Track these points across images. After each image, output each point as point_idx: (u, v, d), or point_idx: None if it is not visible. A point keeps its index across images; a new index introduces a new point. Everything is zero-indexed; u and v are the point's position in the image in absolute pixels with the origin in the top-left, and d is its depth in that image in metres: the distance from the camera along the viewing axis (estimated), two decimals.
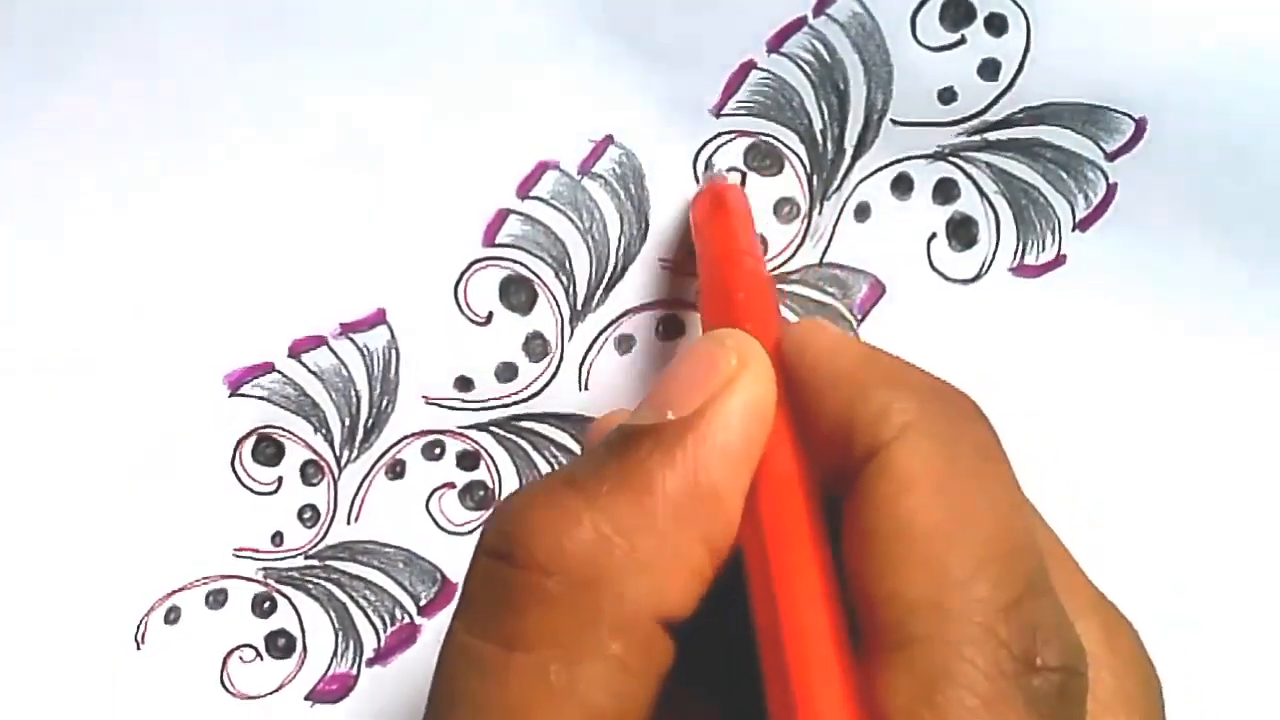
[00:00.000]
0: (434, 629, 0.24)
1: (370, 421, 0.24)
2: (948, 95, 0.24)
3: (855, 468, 0.15)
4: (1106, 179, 0.24)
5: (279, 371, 0.24)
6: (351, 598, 0.24)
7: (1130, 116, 0.24)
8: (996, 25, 0.24)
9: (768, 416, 0.16)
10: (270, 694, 0.23)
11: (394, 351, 0.24)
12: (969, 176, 0.24)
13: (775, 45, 0.24)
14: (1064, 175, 0.24)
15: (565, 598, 0.15)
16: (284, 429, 0.24)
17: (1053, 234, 0.24)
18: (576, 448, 0.24)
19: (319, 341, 0.24)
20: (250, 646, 0.23)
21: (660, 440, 0.16)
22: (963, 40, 0.24)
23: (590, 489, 0.15)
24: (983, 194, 0.24)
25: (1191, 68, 0.24)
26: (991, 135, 0.24)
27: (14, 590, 0.23)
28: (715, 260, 0.21)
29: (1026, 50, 0.23)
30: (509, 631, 0.15)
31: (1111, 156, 0.24)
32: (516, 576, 0.15)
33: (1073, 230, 0.24)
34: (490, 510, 0.16)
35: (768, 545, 0.15)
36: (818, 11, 0.24)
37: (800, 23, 0.24)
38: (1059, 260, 0.24)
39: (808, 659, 0.14)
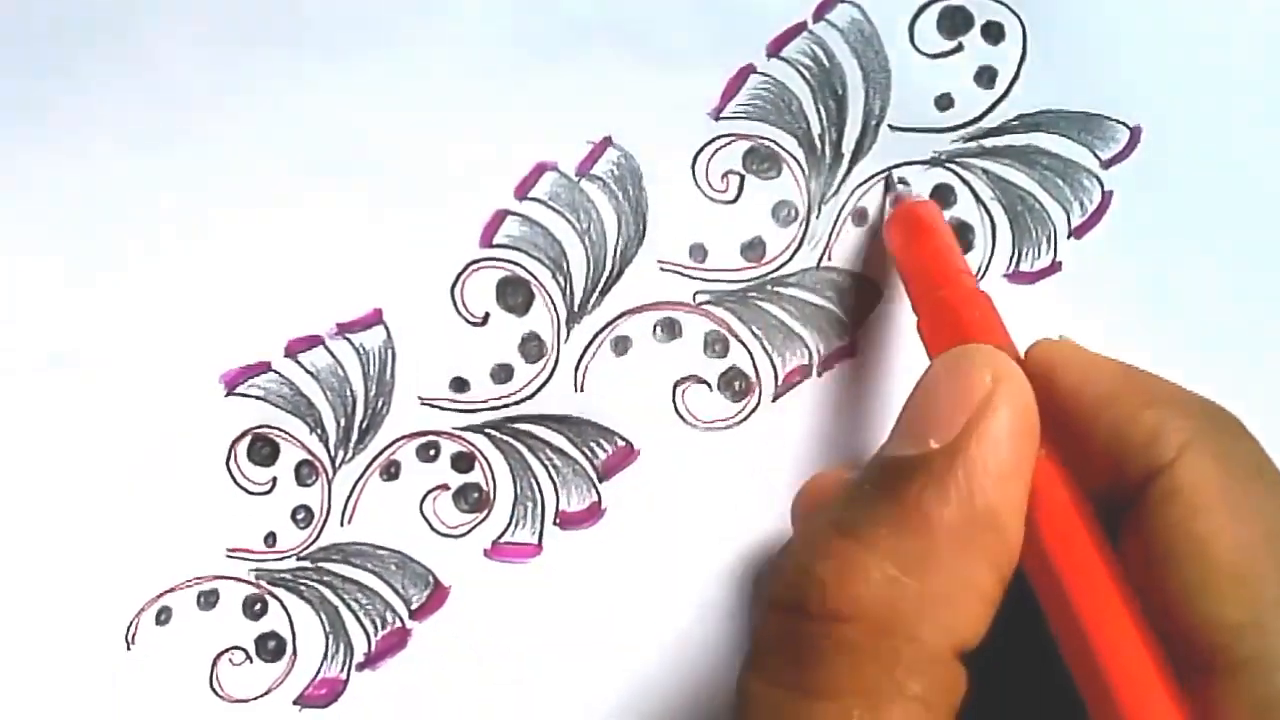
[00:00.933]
0: (424, 634, 0.24)
1: (365, 422, 0.25)
2: (945, 102, 0.25)
3: (1133, 489, 0.16)
4: (1102, 186, 0.25)
5: (275, 371, 0.25)
6: (343, 600, 0.24)
7: (1125, 125, 0.25)
8: (993, 33, 0.25)
9: (1035, 431, 0.17)
10: (259, 698, 0.24)
11: (390, 352, 0.25)
12: (965, 183, 0.25)
13: (775, 50, 0.25)
14: (1060, 182, 0.25)
15: (864, 643, 0.15)
16: (279, 429, 0.25)
17: (1048, 241, 0.25)
18: (572, 450, 0.25)
19: (315, 341, 0.25)
20: (240, 649, 0.24)
21: (930, 471, 0.16)
22: (960, 48, 0.25)
23: (869, 535, 0.16)
24: (979, 200, 0.25)
25: (1185, 77, 0.25)
26: (988, 142, 0.25)
27: (5, 589, 0.24)
28: (933, 282, 0.21)
29: (1023, 58, 0.25)
30: (810, 680, 0.16)
31: (1107, 164, 0.25)
32: (813, 627, 0.16)
33: (1068, 237, 0.25)
34: (767, 565, 0.18)
35: (1061, 567, 0.16)
36: (817, 17, 0.25)
37: (800, 28, 0.25)
38: (1054, 267, 0.25)
39: (1134, 684, 0.15)
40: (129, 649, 0.24)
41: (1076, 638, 0.16)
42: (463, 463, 0.25)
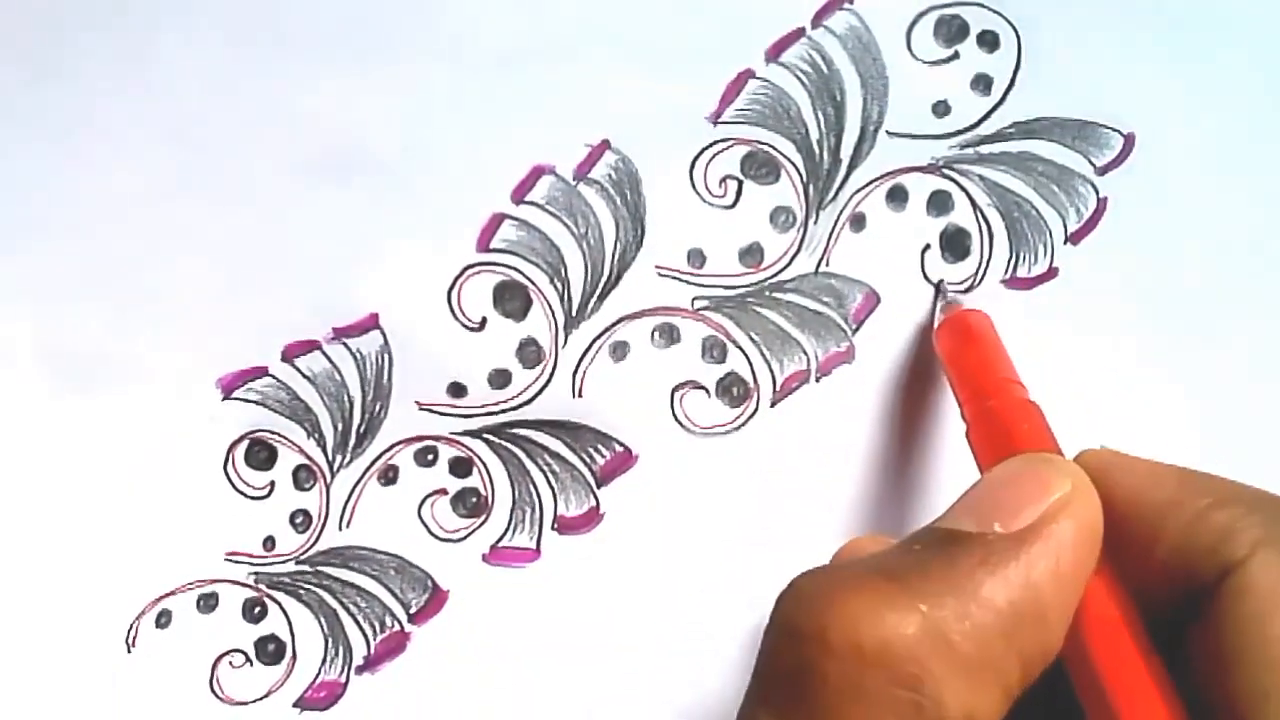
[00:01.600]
0: (423, 637, 0.25)
1: (363, 426, 0.26)
2: (942, 109, 0.26)
3: (1202, 592, 0.16)
4: (1097, 193, 0.26)
5: (272, 375, 0.25)
6: (342, 604, 0.25)
7: (1119, 132, 0.26)
8: (989, 41, 0.26)
9: (1098, 542, 0.17)
10: (259, 700, 0.25)
11: (387, 356, 0.26)
12: (962, 189, 0.26)
13: (773, 55, 0.26)
14: (1055, 189, 0.26)
15: (885, 694, 0.15)
16: (277, 433, 0.25)
17: (1045, 247, 0.26)
18: (570, 455, 0.26)
19: (312, 345, 0.26)
20: (240, 652, 0.25)
21: (991, 551, 0.16)
22: (956, 55, 0.26)
23: (913, 585, 0.16)
24: (976, 206, 0.26)
25: (1178, 84, 0.26)
26: (984, 149, 0.26)
27: (6, 592, 0.24)
28: (983, 392, 0.22)
29: (1018, 66, 0.26)
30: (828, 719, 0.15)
31: (1101, 171, 0.26)
32: (831, 665, 0.15)
33: (1064, 243, 0.26)
34: (789, 587, 0.17)
35: (1107, 674, 0.16)
36: (815, 23, 0.26)
37: (798, 34, 0.26)
38: (1051, 273, 0.26)
39: None
40: (129, 651, 0.25)
41: None
42: (461, 467, 0.26)
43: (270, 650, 0.25)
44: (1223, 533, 0.17)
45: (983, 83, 0.26)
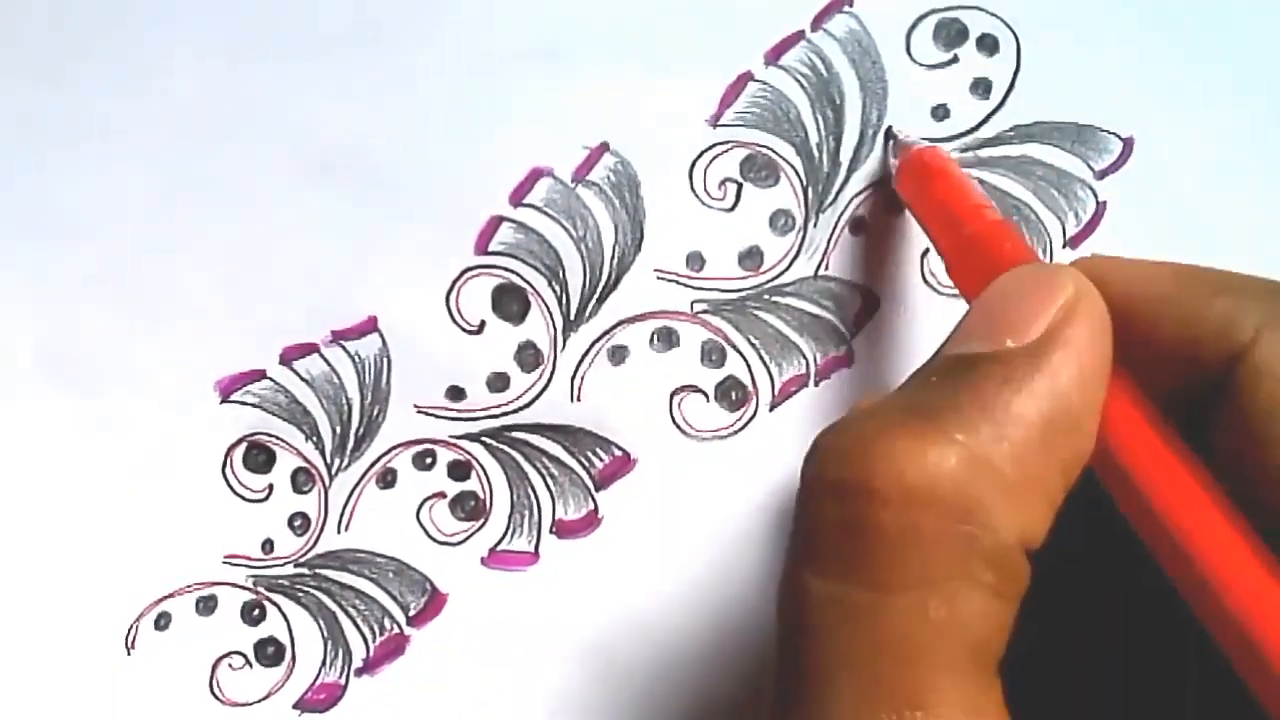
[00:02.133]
0: (422, 640, 0.26)
1: (361, 430, 0.26)
2: (941, 112, 0.26)
3: (1211, 382, 0.17)
4: (1096, 197, 0.27)
5: (270, 378, 0.26)
6: (341, 607, 0.26)
7: (1118, 136, 0.27)
8: (988, 45, 0.26)
9: (1109, 340, 0.17)
10: (258, 702, 0.26)
11: (386, 360, 0.26)
12: None
13: (773, 58, 0.26)
14: (1055, 193, 0.27)
15: (942, 531, 0.15)
16: (275, 436, 0.26)
17: (1044, 251, 0.27)
18: (568, 459, 0.26)
19: (311, 349, 0.26)
20: (239, 654, 0.26)
21: (1012, 367, 0.16)
22: (955, 59, 0.26)
23: (946, 420, 0.16)
24: None
25: (1177, 88, 0.27)
26: (984, 152, 0.26)
27: (5, 594, 0.25)
28: (957, 221, 0.22)
29: (1017, 70, 0.26)
30: (880, 573, 0.15)
31: (1100, 175, 0.27)
32: (884, 514, 0.15)
33: (1063, 247, 0.27)
34: (817, 447, 0.17)
35: (1141, 466, 0.17)
36: (815, 26, 0.26)
37: (798, 36, 0.26)
38: None
39: (1229, 565, 0.15)
40: (129, 654, 0.25)
41: (1163, 533, 0.16)
42: (459, 471, 0.26)
43: (270, 652, 0.26)
44: (1225, 318, 0.17)
45: (982, 86, 0.26)
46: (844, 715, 0.15)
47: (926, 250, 0.26)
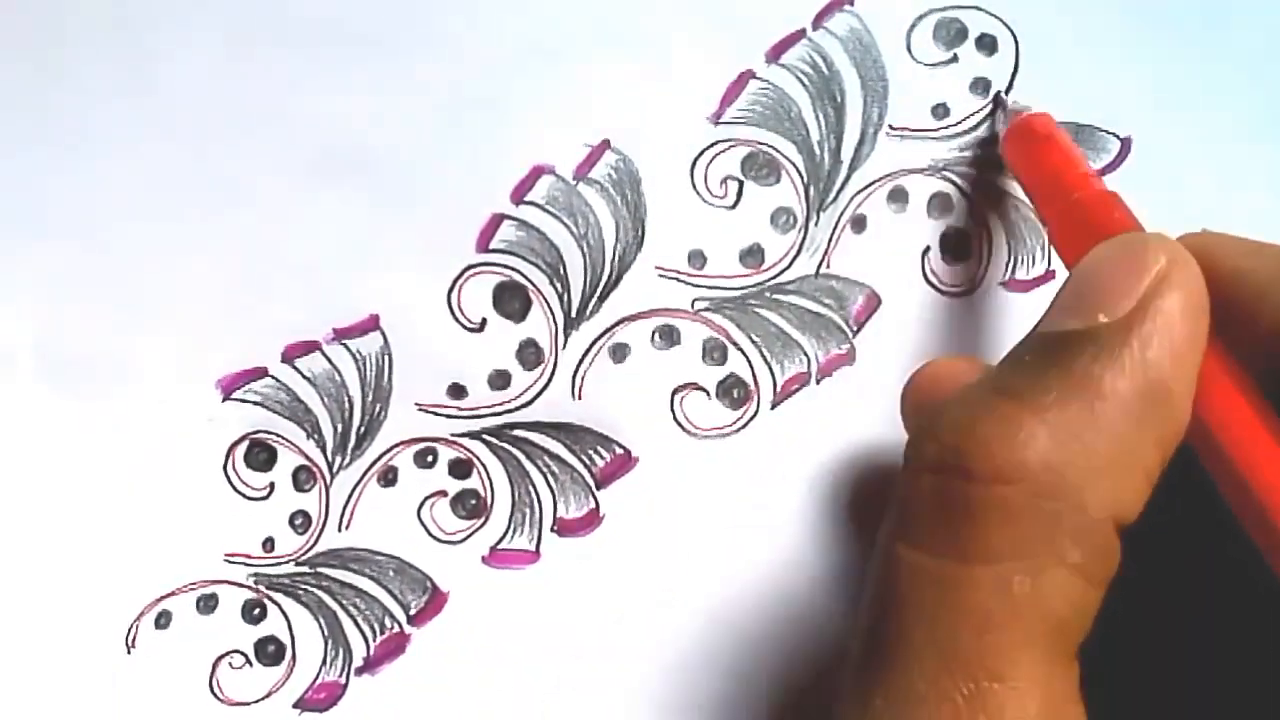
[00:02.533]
0: (422, 639, 0.26)
1: (363, 428, 0.26)
2: (941, 110, 0.27)
3: None
4: None
5: (272, 376, 0.26)
6: (341, 605, 0.26)
7: (1116, 136, 0.27)
8: (987, 44, 0.27)
9: (1205, 312, 0.17)
10: (258, 701, 0.26)
11: (387, 357, 0.26)
12: (961, 191, 0.27)
13: (774, 56, 0.27)
14: None
15: (1028, 507, 0.16)
16: (277, 434, 0.26)
17: (1042, 249, 0.27)
18: (570, 457, 0.27)
19: (312, 346, 0.26)
20: (240, 653, 0.26)
21: (1101, 343, 0.17)
22: (955, 58, 0.27)
23: (1036, 399, 0.16)
24: (973, 207, 0.27)
25: (1176, 87, 0.27)
26: (984, 151, 0.27)
27: (5, 592, 0.25)
28: (1065, 188, 0.22)
29: (1015, 70, 0.27)
30: (967, 545, 0.16)
31: (1099, 174, 0.27)
32: (974, 490, 0.16)
33: None
34: (923, 429, 0.18)
35: (1234, 438, 0.17)
36: (816, 24, 0.27)
37: (799, 35, 0.27)
38: (1048, 275, 0.27)
39: None
40: (129, 652, 0.25)
41: (1256, 508, 0.16)
42: (460, 469, 0.26)
43: (270, 651, 0.26)
44: None
45: (981, 85, 0.27)
46: (922, 680, 0.16)
47: (928, 248, 0.27)
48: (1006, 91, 0.27)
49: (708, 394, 0.27)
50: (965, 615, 0.16)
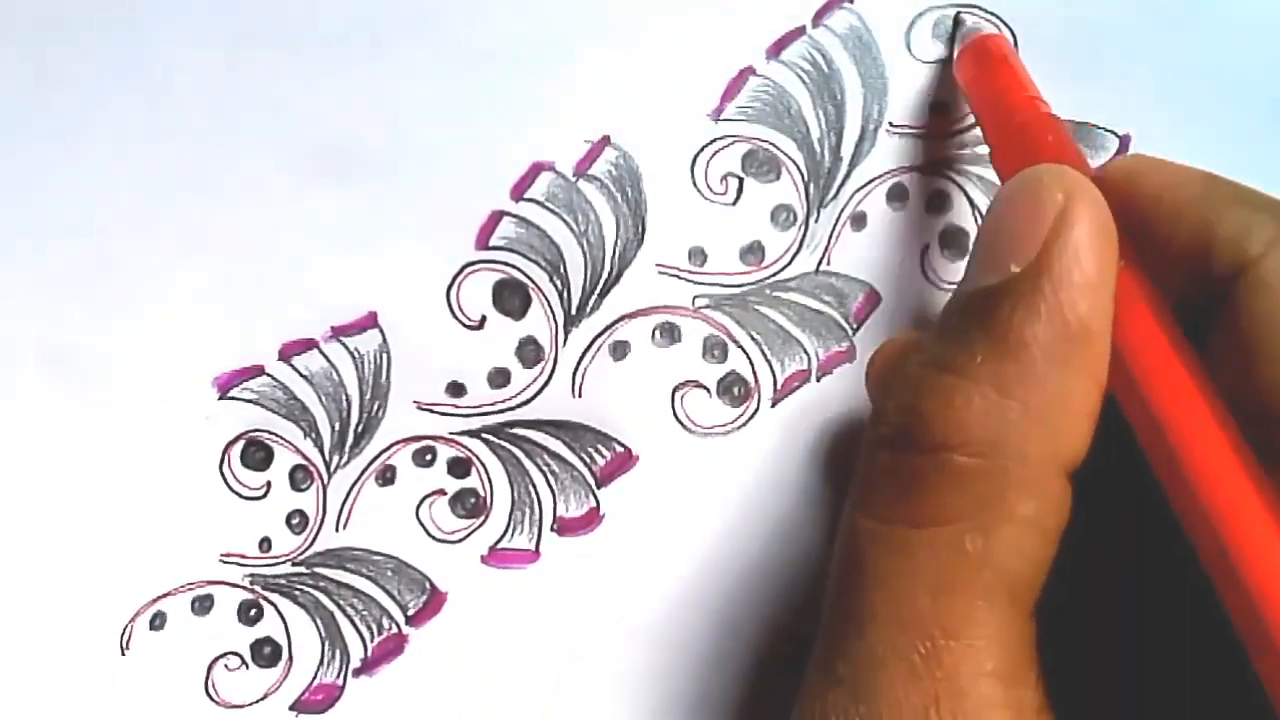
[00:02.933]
0: (421, 639, 0.26)
1: (361, 426, 0.26)
2: (941, 108, 0.27)
3: (1218, 287, 0.17)
4: None
5: (269, 374, 0.26)
6: (339, 606, 0.26)
7: (1114, 133, 0.27)
8: None
9: (1113, 240, 0.18)
10: (255, 703, 0.26)
11: (385, 355, 0.26)
12: (960, 188, 0.27)
13: (774, 53, 0.27)
14: None
15: (972, 468, 0.17)
16: (273, 433, 0.26)
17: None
18: (570, 456, 0.27)
19: (309, 344, 0.26)
20: (236, 654, 0.26)
21: (1017, 293, 0.17)
22: (955, 55, 0.27)
23: (964, 365, 0.17)
24: (974, 206, 0.27)
25: (1174, 86, 0.27)
26: (982, 148, 0.27)
27: None
28: (1007, 110, 0.22)
29: None
30: (919, 510, 0.17)
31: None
32: (921, 460, 0.17)
33: None
34: (874, 411, 0.19)
35: (1143, 372, 0.17)
36: (816, 22, 0.27)
37: (799, 32, 0.27)
38: None
39: (1221, 481, 0.16)
40: (124, 654, 0.25)
41: (1160, 441, 0.17)
42: (459, 468, 0.26)
43: (266, 653, 0.26)
44: (1240, 229, 0.18)
45: None
46: (880, 643, 0.17)
47: (928, 245, 0.27)
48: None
49: (708, 392, 0.27)
50: (920, 577, 0.17)
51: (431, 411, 0.26)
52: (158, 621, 0.25)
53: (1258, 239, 0.18)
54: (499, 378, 0.26)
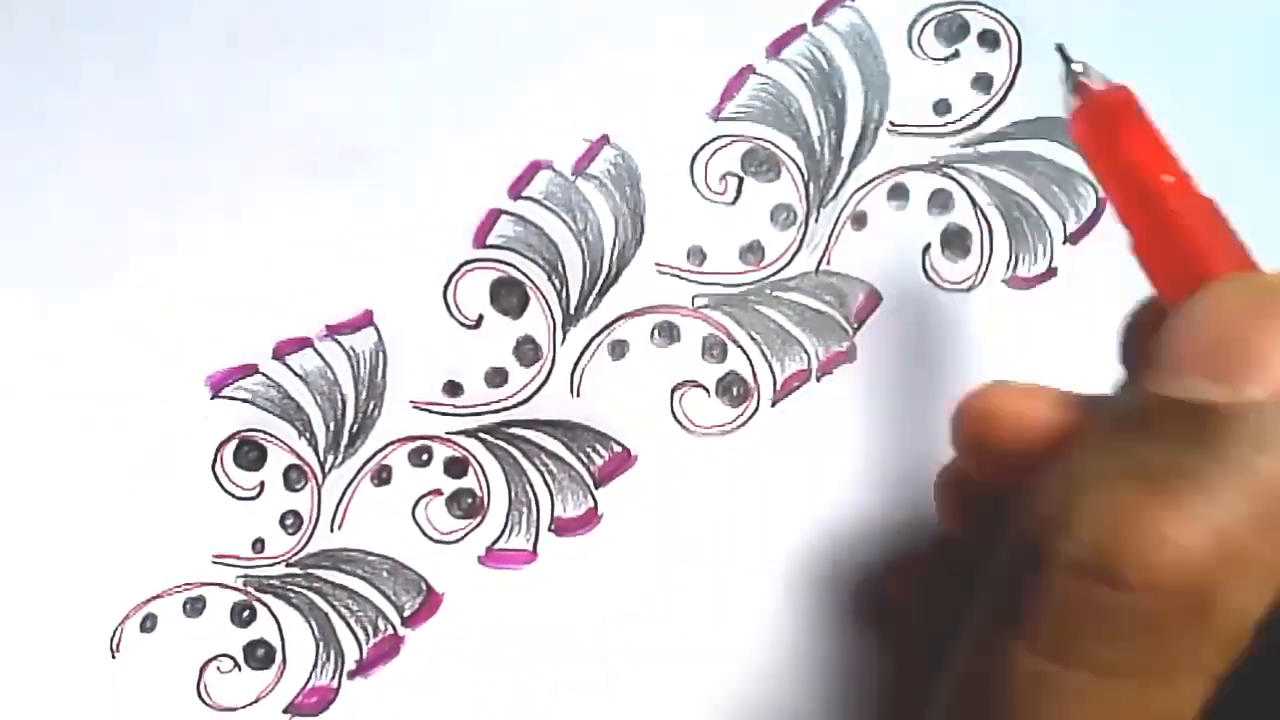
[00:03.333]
0: (417, 641, 0.26)
1: (356, 426, 0.26)
2: (942, 106, 0.27)
3: None
4: (1096, 193, 0.27)
5: (262, 373, 0.26)
6: (334, 607, 0.26)
7: None
8: (989, 40, 0.27)
9: None
10: (247, 706, 0.25)
11: (381, 354, 0.26)
12: (963, 188, 0.27)
13: (774, 51, 0.27)
14: (1055, 189, 0.27)
15: (1178, 619, 0.15)
16: (267, 432, 0.26)
17: (1044, 247, 0.27)
18: (568, 455, 0.26)
19: (304, 343, 0.26)
20: (228, 656, 0.25)
21: (1262, 426, 0.15)
22: (957, 54, 0.27)
23: (1187, 497, 0.15)
24: (976, 206, 0.27)
25: (1177, 84, 0.27)
26: (985, 148, 0.27)
27: None
28: (1155, 194, 0.19)
29: (1017, 66, 0.27)
30: (1105, 657, 0.15)
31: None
32: (1121, 600, 0.15)
33: (1064, 243, 0.27)
34: (1051, 519, 0.16)
35: None
36: (817, 20, 0.27)
37: (800, 30, 0.27)
38: (1050, 273, 0.27)
39: None
40: (114, 657, 0.25)
41: None
42: (456, 468, 0.26)
43: (259, 655, 0.26)
44: None
45: (983, 82, 0.27)
46: None
47: (929, 245, 0.27)
48: (1009, 88, 0.27)
49: (707, 391, 0.27)
50: None
51: (428, 411, 0.26)
52: (149, 623, 0.25)
53: None
54: (496, 377, 0.26)
